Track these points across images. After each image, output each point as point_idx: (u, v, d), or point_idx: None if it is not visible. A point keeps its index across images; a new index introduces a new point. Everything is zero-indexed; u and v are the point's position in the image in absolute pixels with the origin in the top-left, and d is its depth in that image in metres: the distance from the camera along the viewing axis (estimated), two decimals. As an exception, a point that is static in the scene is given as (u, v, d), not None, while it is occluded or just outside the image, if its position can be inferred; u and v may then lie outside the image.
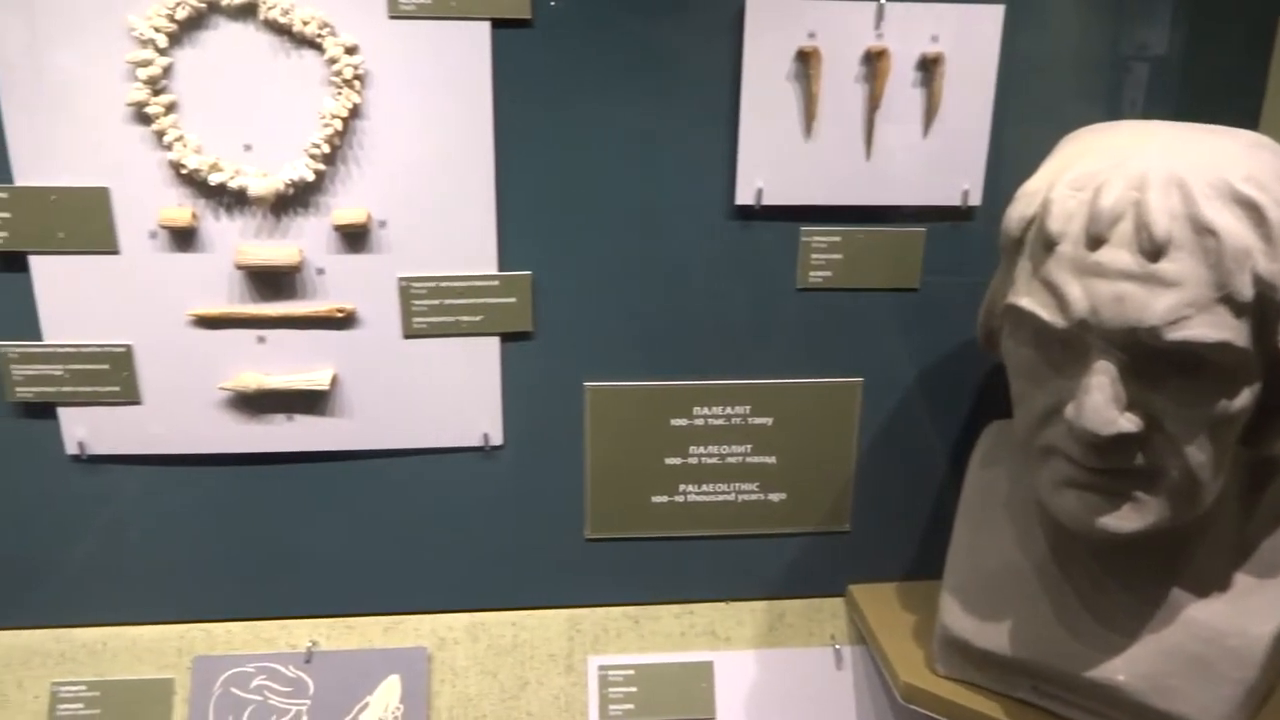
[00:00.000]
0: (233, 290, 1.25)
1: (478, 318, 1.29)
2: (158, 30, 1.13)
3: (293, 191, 1.20)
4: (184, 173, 1.18)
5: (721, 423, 1.38)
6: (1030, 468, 1.06)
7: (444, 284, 1.27)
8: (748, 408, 1.37)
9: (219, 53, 1.16)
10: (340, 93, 1.17)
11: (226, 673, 1.37)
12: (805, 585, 1.47)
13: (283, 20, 1.14)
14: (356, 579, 1.40)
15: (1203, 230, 0.87)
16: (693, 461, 1.39)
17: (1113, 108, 1.31)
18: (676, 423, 1.37)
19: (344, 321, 1.27)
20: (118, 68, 1.15)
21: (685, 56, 1.23)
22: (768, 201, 1.27)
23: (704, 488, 1.40)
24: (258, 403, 1.29)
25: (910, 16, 1.21)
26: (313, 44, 1.16)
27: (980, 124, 1.26)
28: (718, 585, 1.46)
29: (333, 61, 1.16)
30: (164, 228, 1.21)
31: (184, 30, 1.15)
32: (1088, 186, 0.93)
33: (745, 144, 1.25)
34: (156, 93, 1.16)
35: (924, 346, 1.38)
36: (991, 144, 1.28)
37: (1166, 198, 0.88)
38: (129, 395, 1.27)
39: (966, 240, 1.32)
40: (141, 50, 1.14)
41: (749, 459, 1.40)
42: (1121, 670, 1.06)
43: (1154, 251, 0.88)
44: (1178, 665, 1.04)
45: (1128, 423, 0.91)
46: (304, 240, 1.23)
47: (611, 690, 1.41)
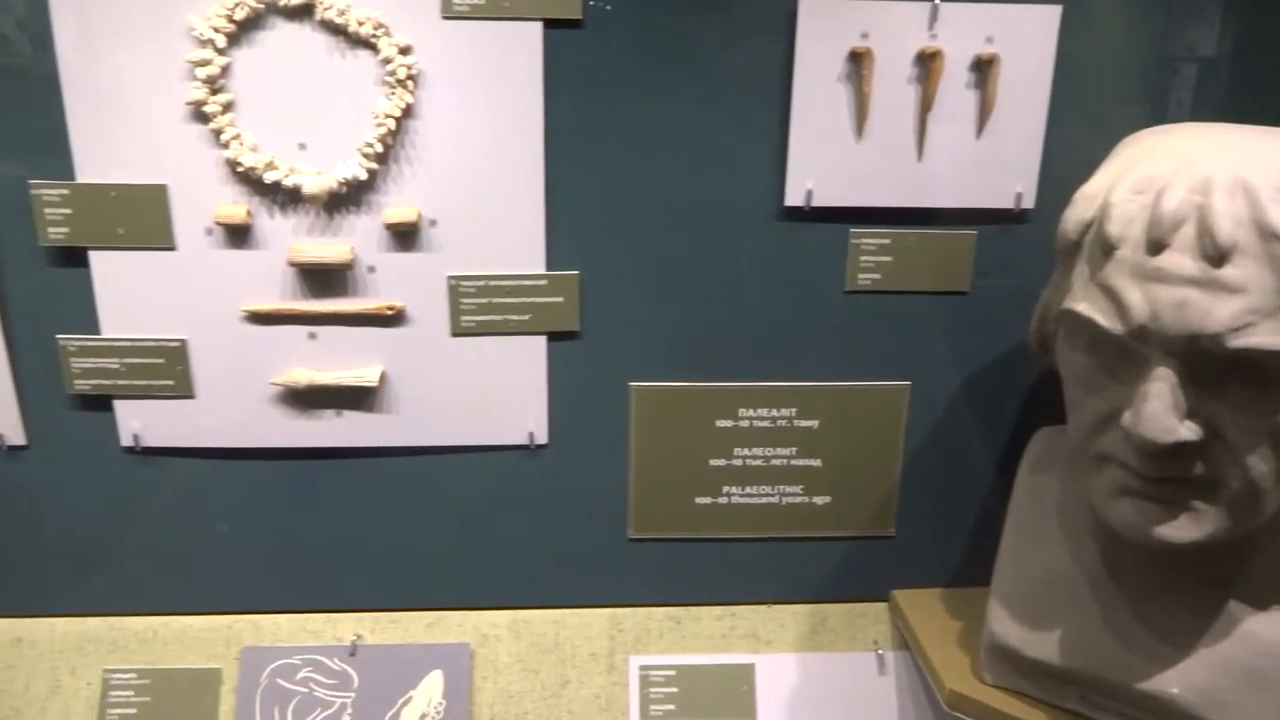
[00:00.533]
0: (285, 287, 1.26)
1: (525, 317, 1.29)
2: (217, 30, 1.15)
3: (345, 190, 1.22)
4: (240, 171, 1.20)
5: (767, 425, 1.37)
6: (1084, 475, 1.04)
7: (492, 283, 1.27)
8: (794, 410, 1.37)
9: (275, 52, 1.18)
10: (394, 92, 1.18)
11: (273, 664, 1.39)
12: (848, 589, 1.46)
13: (339, 20, 1.15)
14: (401, 574, 1.42)
15: (1269, 235, 0.85)
16: (737, 463, 1.39)
17: (1170, 109, 1.29)
18: (722, 424, 1.37)
19: (393, 319, 1.28)
20: (177, 67, 1.17)
21: (736, 57, 1.23)
22: (817, 203, 1.26)
23: (748, 489, 1.40)
24: (308, 398, 1.31)
25: (965, 17, 1.20)
26: (367, 44, 1.17)
27: (1035, 126, 1.25)
28: (760, 588, 1.45)
29: (387, 61, 1.17)
30: (219, 225, 1.23)
31: (242, 30, 1.17)
32: (1149, 190, 0.92)
33: (795, 145, 1.24)
34: (214, 92, 1.18)
35: (973, 351, 1.36)
36: (1046, 146, 1.26)
37: (1231, 202, 0.86)
38: (183, 389, 1.29)
39: (1018, 243, 1.31)
40: (200, 50, 1.16)
41: (794, 461, 1.39)
42: (1175, 683, 1.04)
43: (1218, 257, 0.86)
44: (1233, 679, 1.01)
45: (1187, 431, 0.90)
46: (356, 238, 1.25)
47: (653, 690, 1.41)
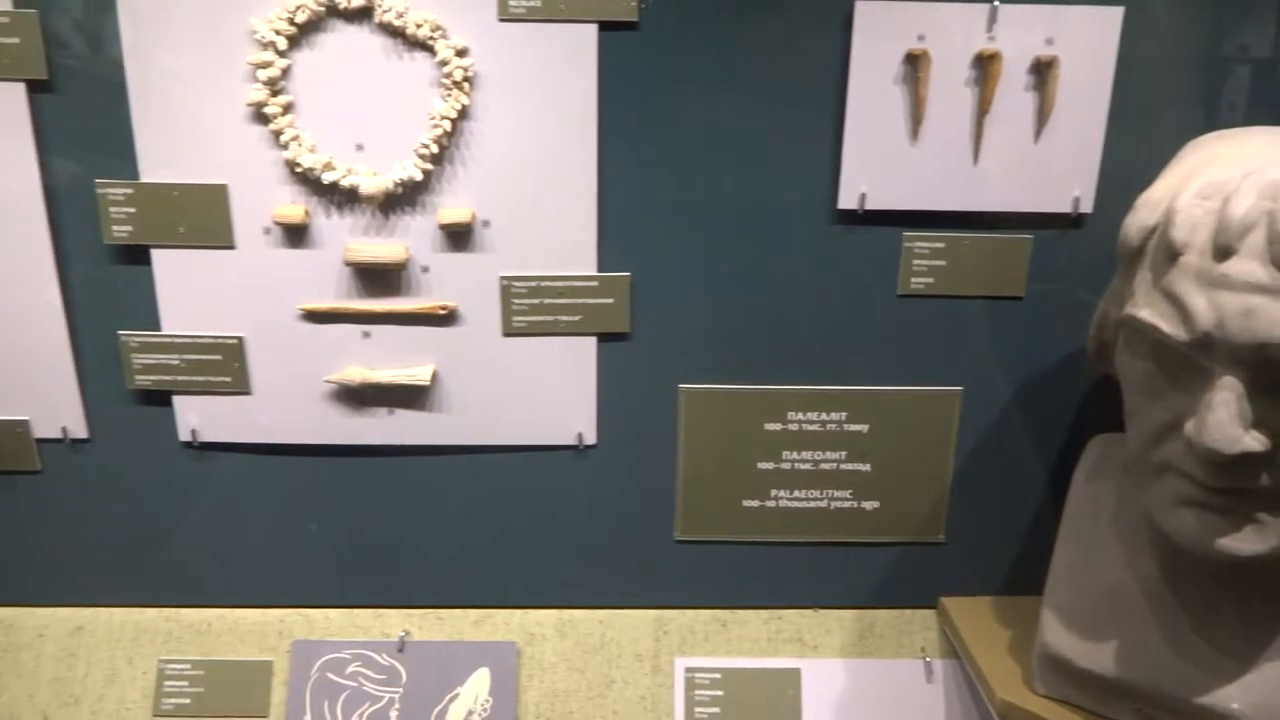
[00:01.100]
0: (341, 286, 1.28)
1: (576, 318, 1.30)
2: (278, 33, 1.17)
3: (401, 191, 1.23)
4: (298, 171, 1.22)
5: (816, 428, 1.36)
6: (1143, 484, 1.03)
7: (544, 284, 1.28)
8: (843, 414, 1.36)
9: (334, 54, 1.20)
10: (450, 94, 1.19)
11: (323, 658, 1.41)
12: (896, 595, 1.45)
13: (397, 23, 1.17)
14: (449, 571, 1.43)
15: (1342, 243, 0.83)
16: (785, 466, 1.38)
17: (1235, 114, 1.26)
18: (770, 427, 1.36)
19: (446, 319, 1.29)
20: (238, 69, 1.19)
21: (791, 59, 1.22)
22: (871, 206, 1.26)
23: (796, 493, 1.39)
24: (361, 396, 1.32)
25: (1024, 18, 1.19)
26: (425, 46, 1.18)
27: (1094, 129, 1.23)
28: (807, 592, 1.45)
29: (443, 64, 1.18)
30: (278, 224, 1.25)
31: (302, 33, 1.19)
32: (1216, 195, 0.90)
33: (850, 147, 1.23)
34: (275, 93, 1.20)
35: (1027, 357, 1.34)
36: (1105, 150, 1.24)
37: (1303, 207, 0.85)
38: (240, 386, 1.32)
39: (1075, 248, 1.29)
40: (262, 52, 1.18)
41: (843, 466, 1.38)
42: (1236, 698, 1.03)
43: (1288, 264, 0.84)
44: (1297, 696, 1.00)
45: (1253, 441, 0.88)
46: (410, 238, 1.26)
47: (698, 693, 1.41)
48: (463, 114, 1.21)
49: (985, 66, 1.20)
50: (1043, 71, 1.20)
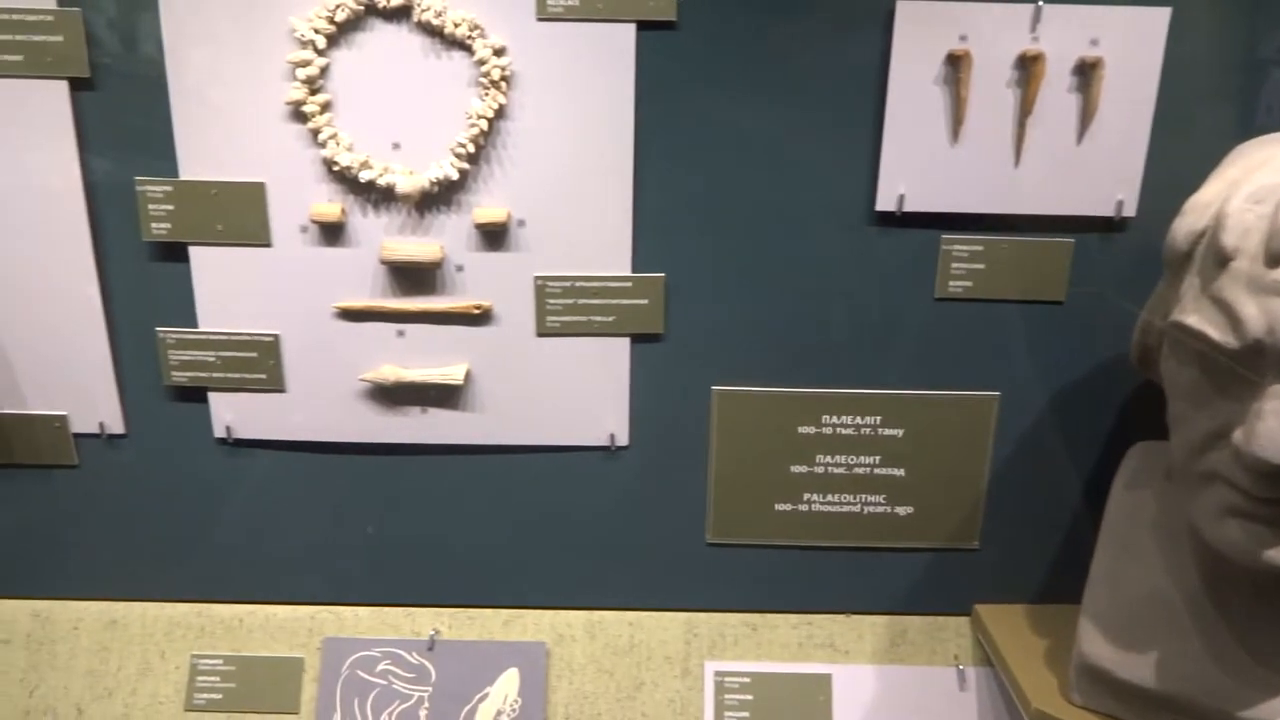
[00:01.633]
0: (376, 285, 1.28)
1: (610, 318, 1.30)
2: (317, 32, 1.17)
3: (437, 190, 1.23)
4: (335, 170, 1.22)
5: (850, 432, 1.35)
6: (1187, 493, 1.01)
7: (578, 284, 1.28)
8: (878, 418, 1.35)
9: (373, 53, 1.20)
10: (487, 93, 1.19)
11: (354, 655, 1.41)
12: (929, 602, 1.43)
13: (435, 22, 1.17)
14: (479, 571, 1.43)
15: (1400, 249, 0.81)
16: (819, 470, 1.37)
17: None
18: (804, 430, 1.35)
19: (480, 318, 1.29)
20: (278, 68, 1.20)
21: (830, 59, 1.21)
22: (909, 208, 1.24)
23: (829, 497, 1.38)
24: (394, 395, 1.32)
25: (1069, 19, 1.17)
26: (463, 45, 1.18)
27: (1139, 132, 1.21)
28: (838, 597, 1.43)
29: (481, 63, 1.18)
30: (314, 222, 1.25)
31: (341, 32, 1.19)
32: (1268, 200, 0.88)
33: (888, 148, 1.22)
34: (313, 92, 1.20)
35: (1066, 362, 1.33)
36: (1150, 153, 1.22)
37: (1359, 213, 0.83)
38: (274, 383, 1.32)
39: (1118, 253, 1.27)
40: (301, 51, 1.18)
41: (877, 470, 1.37)
42: (1278, 711, 1.00)
43: (1343, 271, 0.83)
44: (1344, 711, 0.98)
45: (1305, 451, 0.86)
46: (445, 237, 1.26)
47: (728, 697, 1.40)
48: (500, 113, 1.21)
49: (1028, 67, 1.18)
50: (1087, 73, 1.19)
